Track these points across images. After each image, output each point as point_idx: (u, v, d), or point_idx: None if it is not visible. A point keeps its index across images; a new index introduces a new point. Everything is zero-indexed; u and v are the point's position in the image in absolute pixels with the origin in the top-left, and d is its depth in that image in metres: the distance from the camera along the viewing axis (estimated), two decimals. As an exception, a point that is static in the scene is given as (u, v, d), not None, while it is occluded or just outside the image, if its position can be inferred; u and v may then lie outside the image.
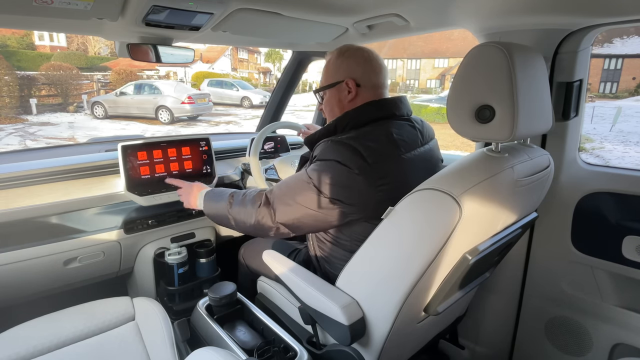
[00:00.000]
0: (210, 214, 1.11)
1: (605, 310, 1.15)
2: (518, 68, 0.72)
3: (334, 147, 0.92)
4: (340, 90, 1.03)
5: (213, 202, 1.10)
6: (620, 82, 22.16)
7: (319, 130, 1.04)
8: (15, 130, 9.50)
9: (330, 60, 1.07)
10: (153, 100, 11.17)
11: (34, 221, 1.12)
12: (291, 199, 0.93)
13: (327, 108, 1.10)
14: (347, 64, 1.03)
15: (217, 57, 25.09)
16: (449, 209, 0.70)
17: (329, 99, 1.08)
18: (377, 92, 1.03)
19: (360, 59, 1.03)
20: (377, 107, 1.00)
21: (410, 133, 0.99)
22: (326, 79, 1.07)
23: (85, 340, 0.94)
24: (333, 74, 1.05)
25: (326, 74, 1.08)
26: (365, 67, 1.02)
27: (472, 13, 1.11)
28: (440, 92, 23.31)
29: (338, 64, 1.04)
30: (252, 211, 0.98)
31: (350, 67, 1.02)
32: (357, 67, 1.02)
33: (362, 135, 0.93)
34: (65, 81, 13.22)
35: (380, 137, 0.93)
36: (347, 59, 1.03)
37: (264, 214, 0.96)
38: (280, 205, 0.94)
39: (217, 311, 1.13)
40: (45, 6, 0.88)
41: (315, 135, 1.03)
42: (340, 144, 0.92)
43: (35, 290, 1.18)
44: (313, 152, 0.99)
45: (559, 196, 1.18)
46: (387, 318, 0.83)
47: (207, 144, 1.41)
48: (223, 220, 1.08)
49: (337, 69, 1.04)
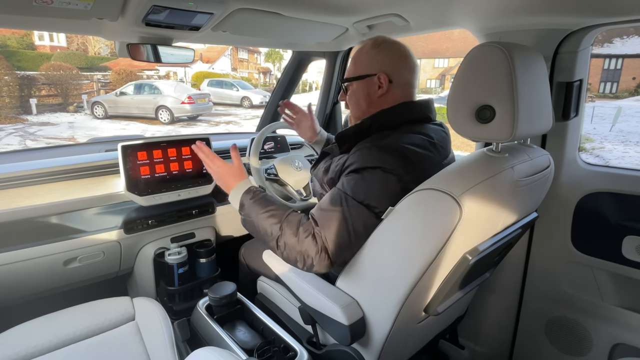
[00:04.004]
0: (248, 220, 0.96)
1: (605, 310, 1.15)
2: (518, 68, 0.72)
3: (377, 154, 0.84)
4: (371, 84, 0.97)
5: (260, 208, 0.94)
6: (620, 82, 22.15)
7: (351, 128, 0.97)
8: (15, 130, 9.50)
9: (363, 49, 0.99)
10: (153, 100, 11.17)
11: (34, 221, 1.11)
12: (336, 222, 0.83)
13: (352, 100, 1.02)
14: (381, 57, 0.96)
15: (217, 57, 25.08)
16: (449, 209, 0.70)
17: (356, 91, 1.00)
18: (408, 91, 0.98)
19: (397, 53, 0.96)
20: (414, 109, 0.96)
21: (443, 139, 0.96)
22: (356, 69, 0.99)
23: (85, 340, 0.94)
24: (365, 65, 0.97)
25: (356, 63, 0.99)
26: (400, 64, 0.96)
27: (472, 13, 1.11)
28: (441, 92, 23.31)
29: (371, 55, 0.97)
30: (303, 244, 0.85)
31: (384, 60, 0.96)
32: (391, 62, 0.96)
33: (404, 138, 0.87)
34: (65, 81, 13.21)
35: (424, 142, 0.89)
36: (382, 51, 0.96)
37: (313, 247, 0.84)
38: (327, 235, 0.83)
39: (217, 311, 1.13)
40: (45, 6, 0.88)
41: (349, 132, 0.96)
42: (383, 149, 0.85)
43: (35, 290, 1.18)
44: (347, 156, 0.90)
45: (559, 196, 1.18)
46: (387, 318, 0.83)
47: (207, 144, 1.41)
48: (262, 238, 0.94)
49: (370, 60, 0.97)
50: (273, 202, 0.96)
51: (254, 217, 0.94)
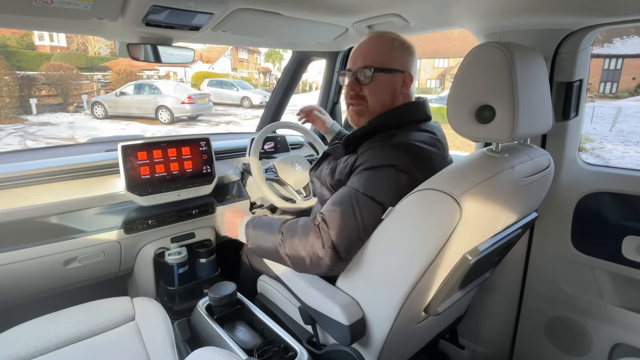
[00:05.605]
0: (256, 248, 0.99)
1: (605, 310, 1.15)
2: (518, 68, 0.72)
3: (390, 151, 0.85)
4: (397, 80, 0.97)
5: (258, 232, 0.98)
6: (620, 82, 22.15)
7: (359, 130, 0.96)
8: (15, 130, 9.49)
9: (393, 44, 0.97)
10: (153, 100, 11.16)
11: (34, 221, 1.11)
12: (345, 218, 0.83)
13: (376, 91, 0.96)
14: (408, 57, 0.98)
15: (217, 57, 25.08)
16: (450, 209, 0.70)
17: (384, 82, 0.96)
18: (413, 92, 1.02)
19: (415, 56, 1.00)
20: (419, 109, 0.98)
21: (443, 137, 0.99)
22: (386, 60, 0.95)
23: (85, 340, 0.94)
24: (396, 60, 0.96)
25: (387, 56, 0.96)
26: (416, 68, 1.01)
27: (472, 13, 1.11)
28: (440, 92, 23.30)
29: (401, 52, 0.97)
30: (306, 243, 0.86)
31: (410, 61, 0.98)
32: (414, 64, 0.99)
33: (413, 135, 0.90)
34: (65, 81, 13.20)
35: (431, 139, 0.91)
36: (409, 52, 0.98)
37: (319, 243, 0.84)
38: (334, 231, 0.83)
39: (217, 311, 1.13)
40: (45, 6, 0.88)
41: (357, 135, 0.95)
42: (396, 147, 0.85)
43: (35, 290, 1.18)
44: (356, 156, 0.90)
45: (559, 196, 1.18)
46: (387, 318, 0.83)
47: (207, 144, 1.41)
48: (272, 255, 0.96)
49: (401, 57, 0.97)
50: (269, 221, 1.00)
51: (259, 241, 0.98)
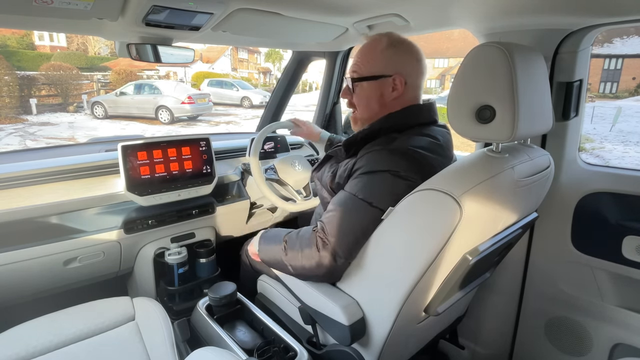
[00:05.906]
0: (265, 260, 1.02)
1: (605, 310, 1.15)
2: (518, 68, 0.72)
3: (387, 157, 0.84)
4: (385, 86, 0.93)
5: (266, 245, 1.01)
6: (620, 82, 22.16)
7: (359, 134, 0.94)
8: (15, 130, 9.49)
9: (377, 48, 0.94)
10: (153, 100, 11.16)
11: (34, 221, 1.11)
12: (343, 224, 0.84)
13: (361, 101, 0.97)
14: (398, 57, 0.93)
15: (217, 57, 25.08)
16: (450, 210, 0.70)
17: (367, 91, 0.95)
18: (417, 94, 0.97)
19: (416, 55, 0.94)
20: (422, 113, 0.95)
21: (448, 141, 0.97)
22: (369, 67, 0.94)
23: (85, 340, 0.94)
24: (380, 65, 0.93)
25: (370, 62, 0.94)
26: (416, 67, 0.94)
27: (472, 13, 1.11)
28: (441, 92, 23.30)
29: (388, 55, 0.93)
30: (308, 251, 0.88)
31: (402, 62, 0.93)
32: (408, 64, 0.93)
33: (412, 141, 0.87)
34: (65, 81, 13.20)
35: (431, 144, 0.89)
36: (399, 52, 0.93)
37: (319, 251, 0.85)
38: (333, 237, 0.84)
39: (217, 311, 1.13)
40: (45, 6, 0.88)
41: (357, 138, 0.93)
42: (393, 153, 0.84)
43: (35, 290, 1.18)
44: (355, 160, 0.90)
45: (559, 196, 1.18)
46: (388, 318, 0.83)
47: (207, 144, 1.41)
48: (279, 266, 0.97)
49: (387, 60, 0.93)
50: (276, 232, 1.03)
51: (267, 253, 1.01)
